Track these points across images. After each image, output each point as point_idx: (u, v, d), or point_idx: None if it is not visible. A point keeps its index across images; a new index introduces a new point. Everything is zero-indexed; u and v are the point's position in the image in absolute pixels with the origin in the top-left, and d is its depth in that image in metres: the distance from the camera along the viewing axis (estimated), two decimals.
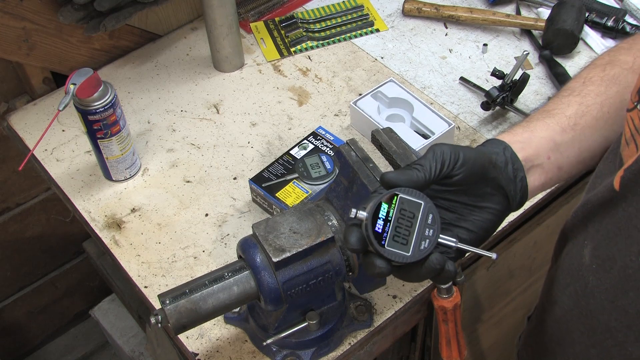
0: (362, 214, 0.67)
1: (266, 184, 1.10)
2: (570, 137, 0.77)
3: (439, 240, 0.68)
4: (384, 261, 0.67)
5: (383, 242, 0.67)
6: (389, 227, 0.67)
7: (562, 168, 0.78)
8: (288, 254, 0.83)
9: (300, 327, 0.91)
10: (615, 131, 0.77)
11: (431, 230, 0.67)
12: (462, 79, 1.32)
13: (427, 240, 0.67)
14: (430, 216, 0.68)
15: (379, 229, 0.67)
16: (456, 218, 0.73)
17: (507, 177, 0.73)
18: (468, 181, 0.71)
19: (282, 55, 1.39)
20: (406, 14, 1.45)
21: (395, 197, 0.68)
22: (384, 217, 0.67)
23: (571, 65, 1.32)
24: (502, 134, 0.78)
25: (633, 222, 0.60)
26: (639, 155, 0.60)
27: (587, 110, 0.78)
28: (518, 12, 1.43)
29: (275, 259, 0.83)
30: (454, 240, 0.69)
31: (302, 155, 1.14)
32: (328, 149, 1.15)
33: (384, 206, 0.67)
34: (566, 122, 0.77)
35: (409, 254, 0.67)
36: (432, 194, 0.72)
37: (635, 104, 0.63)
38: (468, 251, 0.71)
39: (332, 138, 1.17)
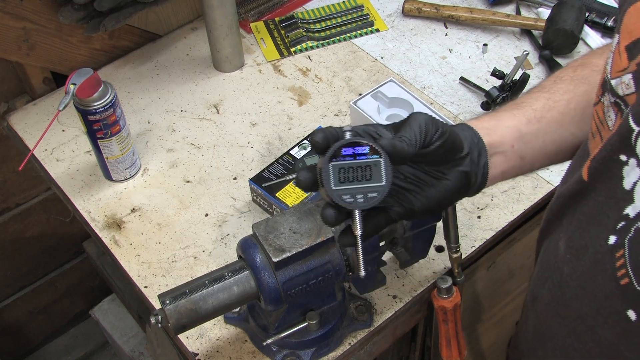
0: (347, 132, 0.68)
1: (266, 184, 1.10)
2: (535, 129, 0.80)
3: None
4: (310, 174, 0.69)
5: (334, 160, 0.68)
6: (348, 161, 0.68)
7: (524, 158, 0.81)
8: (288, 254, 0.83)
9: (300, 327, 0.91)
10: (581, 128, 0.80)
11: (362, 199, 0.68)
12: (462, 79, 1.32)
13: (351, 200, 0.68)
14: (376, 194, 0.68)
15: (343, 155, 0.68)
16: (413, 184, 0.75)
17: (471, 159, 0.76)
18: (438, 152, 0.73)
19: (282, 55, 1.39)
20: (406, 14, 1.45)
21: (377, 157, 0.68)
22: (355, 153, 0.68)
23: None
24: (469, 120, 0.80)
25: (603, 210, 0.62)
26: (603, 145, 0.62)
27: (554, 105, 0.81)
28: (518, 12, 1.43)
29: (275, 259, 0.83)
30: (360, 231, 0.69)
31: (302, 155, 1.14)
32: None
33: (364, 149, 0.68)
34: (532, 114, 0.80)
35: (333, 188, 0.68)
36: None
37: (600, 97, 0.65)
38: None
39: None
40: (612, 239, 0.60)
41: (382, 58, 1.37)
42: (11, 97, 1.35)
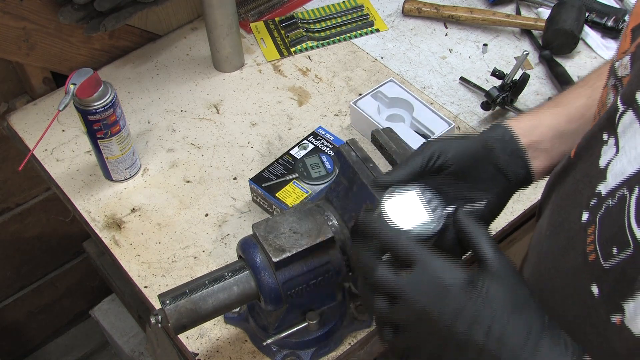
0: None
1: (266, 184, 1.10)
2: (575, 127, 0.81)
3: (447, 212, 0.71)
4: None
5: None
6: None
7: (566, 155, 0.82)
8: (288, 254, 0.83)
9: (300, 327, 0.91)
10: None
11: (436, 201, 0.71)
12: (462, 79, 1.32)
13: (438, 208, 0.71)
14: (427, 193, 0.71)
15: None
16: (463, 204, 0.78)
17: (505, 158, 0.78)
18: (463, 169, 0.76)
19: (282, 55, 1.39)
20: (406, 14, 1.45)
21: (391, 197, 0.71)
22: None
23: (571, 65, 1.32)
24: (509, 120, 0.82)
25: (579, 187, 0.63)
26: (593, 124, 0.63)
27: (594, 103, 0.82)
28: (518, 12, 1.43)
29: (275, 259, 0.83)
30: (452, 207, 0.72)
31: (302, 155, 1.14)
32: (328, 149, 1.15)
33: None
34: (574, 112, 0.81)
35: (435, 223, 0.70)
36: (438, 187, 0.76)
37: (607, 81, 0.66)
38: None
39: (332, 138, 1.17)
40: (585, 216, 0.60)
41: (382, 58, 1.37)
42: (11, 97, 1.35)
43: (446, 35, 1.42)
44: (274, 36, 1.42)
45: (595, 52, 1.36)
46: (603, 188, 0.58)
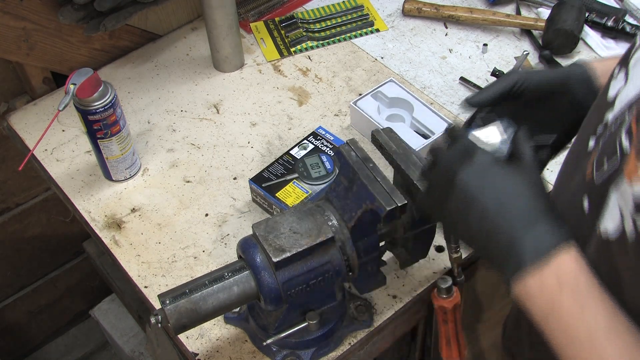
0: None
1: (266, 184, 1.10)
2: None
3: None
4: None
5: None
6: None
7: None
8: (288, 254, 0.83)
9: (300, 327, 0.91)
10: None
11: (510, 130, 0.75)
12: (462, 79, 1.32)
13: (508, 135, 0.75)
14: (505, 123, 0.76)
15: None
16: (537, 130, 0.83)
17: (580, 95, 0.82)
18: (540, 100, 0.82)
19: (282, 55, 1.39)
20: (406, 14, 1.45)
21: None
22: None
23: None
24: (593, 61, 0.86)
25: (591, 119, 0.69)
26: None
27: None
28: (518, 12, 1.43)
29: (275, 259, 0.83)
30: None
31: (302, 155, 1.14)
32: (328, 149, 1.15)
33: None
34: None
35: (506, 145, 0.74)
36: (514, 113, 0.81)
37: None
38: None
39: (332, 138, 1.17)
40: (591, 143, 0.66)
41: (382, 58, 1.37)
42: (11, 97, 1.35)
43: (446, 35, 1.42)
44: (274, 36, 1.42)
45: (595, 52, 1.36)
46: (610, 116, 0.63)
